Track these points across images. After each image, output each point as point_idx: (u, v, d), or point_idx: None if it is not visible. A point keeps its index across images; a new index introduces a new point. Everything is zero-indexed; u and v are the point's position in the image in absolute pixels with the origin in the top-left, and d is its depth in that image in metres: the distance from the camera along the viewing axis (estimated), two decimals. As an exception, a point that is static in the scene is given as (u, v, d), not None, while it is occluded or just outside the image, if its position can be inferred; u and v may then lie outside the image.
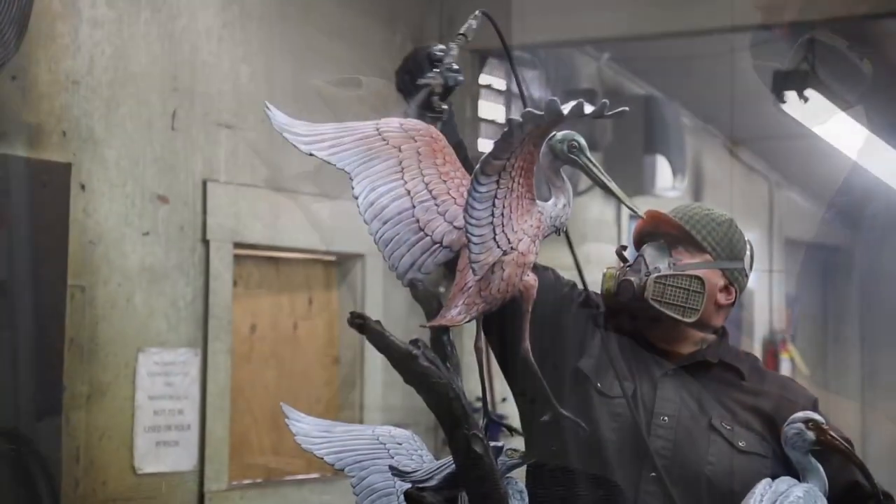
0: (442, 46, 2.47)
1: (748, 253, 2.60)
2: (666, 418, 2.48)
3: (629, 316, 2.58)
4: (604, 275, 2.49)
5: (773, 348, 7.14)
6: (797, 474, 2.40)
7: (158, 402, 3.87)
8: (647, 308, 2.50)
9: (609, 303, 2.57)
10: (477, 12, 2.52)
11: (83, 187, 3.68)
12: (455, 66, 2.47)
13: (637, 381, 2.50)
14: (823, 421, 2.25)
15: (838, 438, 2.25)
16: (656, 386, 2.54)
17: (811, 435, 2.24)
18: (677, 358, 2.57)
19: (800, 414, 2.26)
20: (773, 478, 2.40)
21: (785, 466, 2.42)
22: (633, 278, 2.54)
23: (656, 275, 2.51)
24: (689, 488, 2.45)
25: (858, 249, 8.23)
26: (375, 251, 2.20)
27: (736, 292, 2.60)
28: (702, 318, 2.53)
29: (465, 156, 2.39)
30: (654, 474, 2.45)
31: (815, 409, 2.51)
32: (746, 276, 2.61)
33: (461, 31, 2.50)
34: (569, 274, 2.75)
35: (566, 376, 2.46)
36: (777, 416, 2.49)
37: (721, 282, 2.56)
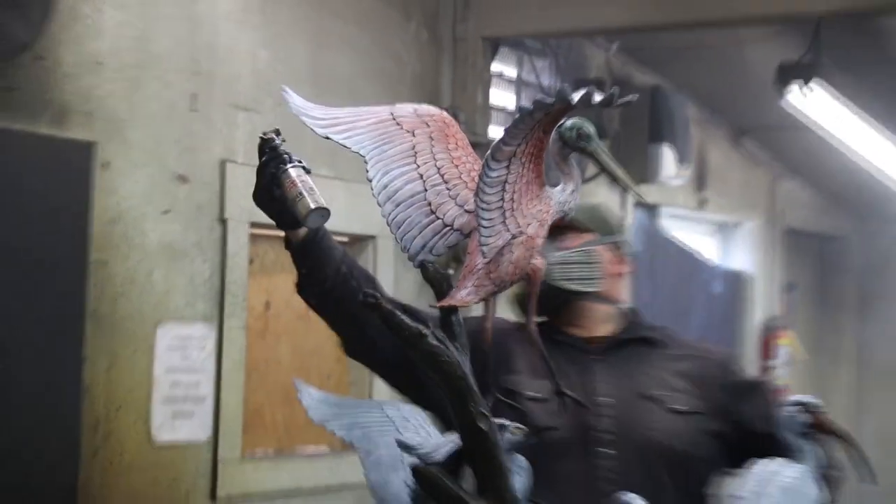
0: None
1: (620, 226, 2.84)
2: (606, 398, 2.56)
3: (543, 314, 2.63)
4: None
5: (770, 334, 7.14)
6: (733, 424, 2.59)
7: (175, 374, 3.88)
8: (556, 295, 2.52)
9: (521, 306, 2.55)
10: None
11: (106, 166, 3.68)
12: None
13: (568, 375, 2.56)
14: (818, 403, 2.25)
15: (833, 421, 2.25)
16: (589, 371, 2.62)
17: (804, 417, 2.25)
18: (600, 342, 2.68)
19: (794, 397, 2.26)
20: (712, 431, 2.57)
21: (720, 419, 2.60)
22: None
23: (552, 260, 2.54)
24: (641, 457, 2.55)
25: (856, 239, 8.23)
26: (387, 233, 2.20)
27: (626, 261, 2.79)
28: (606, 289, 2.69)
29: None
30: (606, 450, 2.55)
31: (733, 362, 2.74)
32: (629, 244, 2.83)
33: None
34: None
35: (502, 402, 2.45)
36: (702, 374, 2.66)
37: (609, 254, 2.72)
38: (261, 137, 2.42)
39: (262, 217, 4.23)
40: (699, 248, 6.83)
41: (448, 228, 2.16)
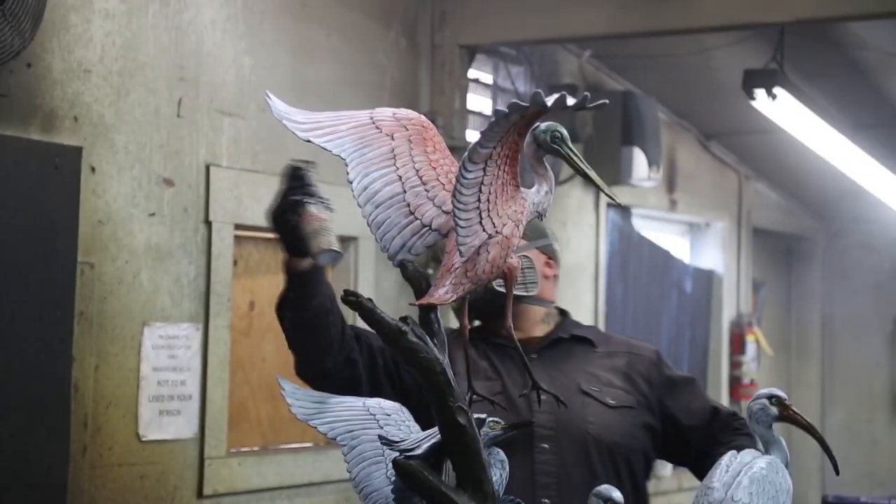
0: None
1: (549, 231, 2.95)
2: (521, 395, 2.60)
3: (479, 320, 2.66)
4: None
5: (739, 330, 7.16)
6: (663, 417, 2.71)
7: (162, 373, 3.86)
8: (492, 299, 2.55)
9: (460, 313, 2.56)
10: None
11: (93, 170, 3.67)
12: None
13: (504, 376, 2.60)
14: (786, 397, 2.26)
15: (800, 413, 2.26)
16: (525, 370, 2.62)
17: (774, 410, 2.25)
18: (535, 342, 2.75)
19: (764, 390, 2.27)
20: (644, 424, 2.58)
21: (649, 412, 2.71)
22: None
23: None
24: (579, 450, 2.63)
25: (821, 238, 8.26)
26: (368, 234, 2.20)
27: (556, 264, 2.92)
28: (540, 291, 2.80)
29: None
30: (545, 445, 2.62)
31: (659, 358, 2.83)
32: (556, 249, 2.96)
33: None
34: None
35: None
36: (631, 370, 2.77)
37: (542, 257, 2.86)
38: (293, 164, 2.47)
39: (247, 219, 4.25)
40: (670, 248, 6.84)
41: (426, 229, 2.16)
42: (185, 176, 3.96)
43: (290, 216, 2.43)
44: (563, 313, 2.90)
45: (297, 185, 2.46)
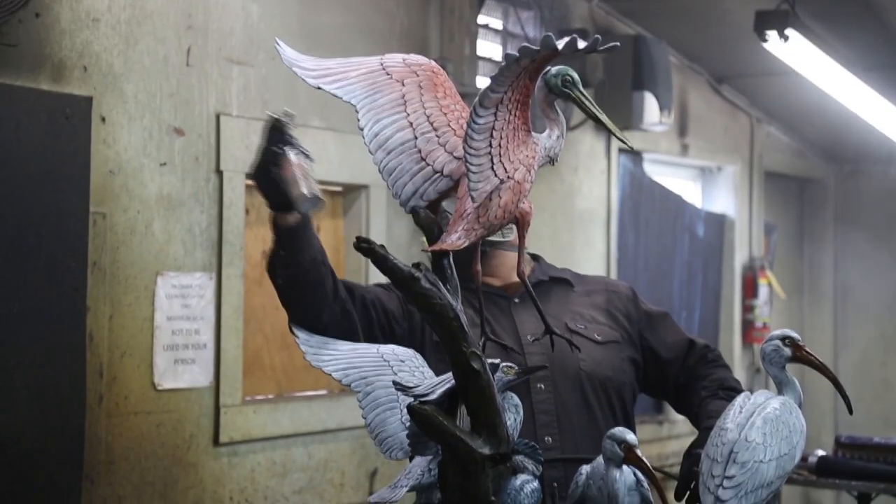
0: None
1: None
2: (531, 336, 2.65)
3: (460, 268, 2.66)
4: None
5: (751, 274, 7.15)
6: (644, 351, 2.77)
7: (176, 322, 3.88)
8: (469, 248, 2.51)
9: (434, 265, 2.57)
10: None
11: (104, 120, 3.66)
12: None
13: (491, 322, 2.63)
14: (798, 337, 2.27)
15: (813, 354, 2.26)
16: (513, 316, 2.72)
17: (787, 351, 2.26)
18: (514, 288, 2.77)
19: (777, 332, 2.28)
20: (629, 358, 2.64)
21: (632, 346, 2.77)
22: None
23: None
24: (573, 387, 2.67)
25: (833, 181, 8.23)
26: (379, 182, 2.20)
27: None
28: (516, 237, 2.69)
29: None
30: (541, 385, 2.63)
31: (635, 294, 2.88)
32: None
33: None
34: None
35: (440, 355, 2.47)
36: (611, 307, 2.82)
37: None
38: (270, 116, 2.44)
39: (257, 168, 4.21)
40: (682, 193, 6.82)
41: (438, 175, 2.16)
42: (196, 125, 3.95)
43: (271, 168, 2.41)
44: (535, 258, 2.90)
45: (276, 138, 2.44)
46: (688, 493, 2.41)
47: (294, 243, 2.48)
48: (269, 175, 2.41)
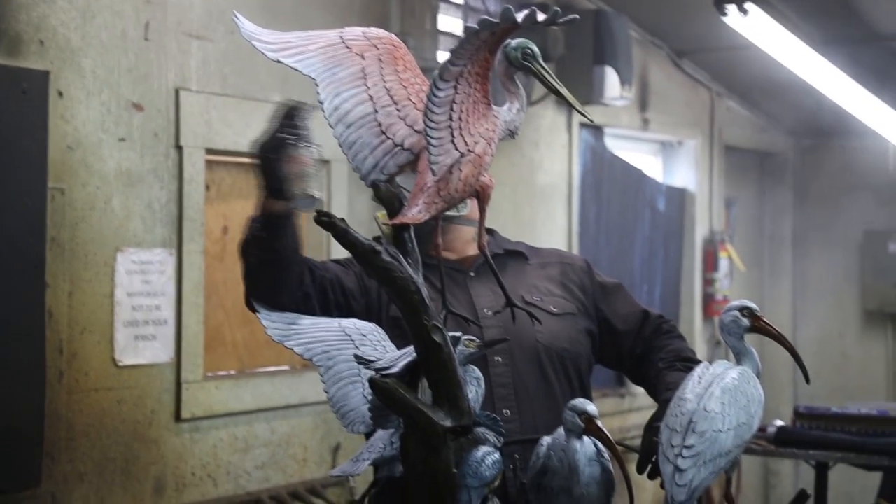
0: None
1: None
2: (487, 310, 2.65)
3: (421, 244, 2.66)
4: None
5: (712, 248, 7.20)
6: (599, 322, 2.79)
7: (136, 298, 3.86)
8: (425, 222, 2.51)
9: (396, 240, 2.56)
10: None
11: (61, 94, 3.63)
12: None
13: (448, 295, 2.63)
14: (757, 308, 2.29)
15: (771, 324, 2.29)
16: (469, 289, 2.72)
17: (745, 321, 2.28)
18: (470, 261, 2.78)
19: (735, 302, 2.30)
20: (585, 330, 2.74)
21: (588, 318, 2.79)
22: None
23: None
24: (530, 359, 2.68)
25: (792, 155, 8.28)
26: (340, 157, 2.20)
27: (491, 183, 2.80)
28: (471, 211, 2.76)
29: None
30: (498, 358, 2.64)
31: (589, 266, 2.90)
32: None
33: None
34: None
35: (397, 331, 2.48)
36: (565, 279, 2.83)
37: None
38: (287, 103, 2.43)
39: (218, 144, 4.22)
40: (643, 167, 6.85)
41: (398, 148, 2.16)
42: (155, 100, 3.93)
43: (274, 155, 2.41)
44: (490, 232, 2.90)
45: (287, 125, 2.43)
46: (649, 466, 2.43)
47: (276, 230, 2.49)
48: (274, 161, 2.41)
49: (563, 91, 2.16)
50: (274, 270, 2.51)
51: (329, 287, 2.63)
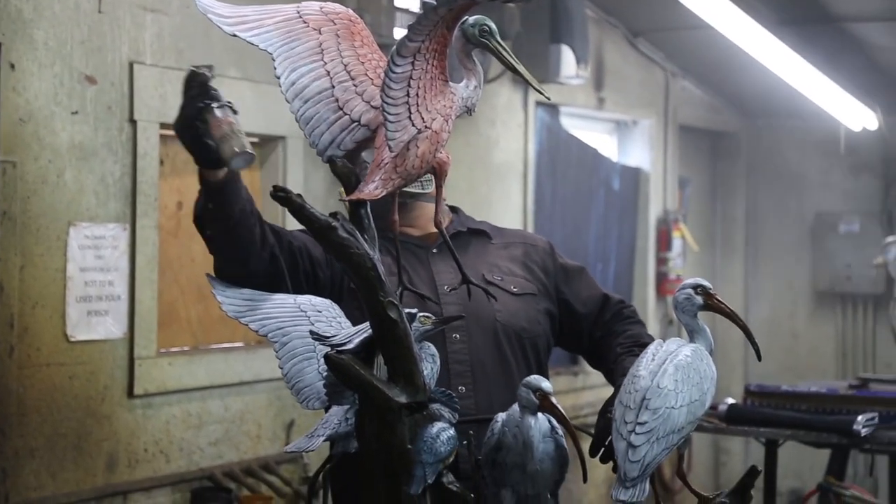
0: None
1: None
2: (447, 287, 2.66)
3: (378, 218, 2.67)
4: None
5: (665, 227, 7.25)
6: (560, 303, 2.79)
7: (89, 273, 3.83)
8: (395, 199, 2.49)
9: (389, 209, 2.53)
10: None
11: (13, 66, 3.59)
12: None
13: (409, 271, 2.64)
14: (710, 286, 2.31)
15: (724, 302, 2.31)
16: (430, 266, 2.73)
17: (699, 299, 2.30)
18: (433, 238, 2.76)
19: (689, 280, 2.32)
20: (545, 311, 2.75)
21: (548, 299, 2.80)
22: None
23: None
24: (488, 338, 2.69)
25: (745, 135, 8.35)
26: (296, 133, 2.19)
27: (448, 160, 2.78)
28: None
29: None
30: (456, 335, 2.65)
31: (552, 248, 2.90)
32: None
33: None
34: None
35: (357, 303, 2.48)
36: (528, 259, 2.83)
37: None
38: (191, 70, 2.39)
39: (173, 118, 4.16)
40: (598, 146, 6.88)
41: (355, 124, 2.16)
42: (108, 73, 3.89)
43: (197, 124, 2.37)
44: (454, 210, 2.91)
45: (198, 91, 2.38)
46: (602, 449, 2.44)
47: (223, 197, 2.45)
48: (194, 131, 2.36)
49: (520, 68, 2.17)
50: (233, 237, 2.49)
51: (297, 253, 2.62)
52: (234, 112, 2.39)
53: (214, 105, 2.35)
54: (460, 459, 2.49)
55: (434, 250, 2.76)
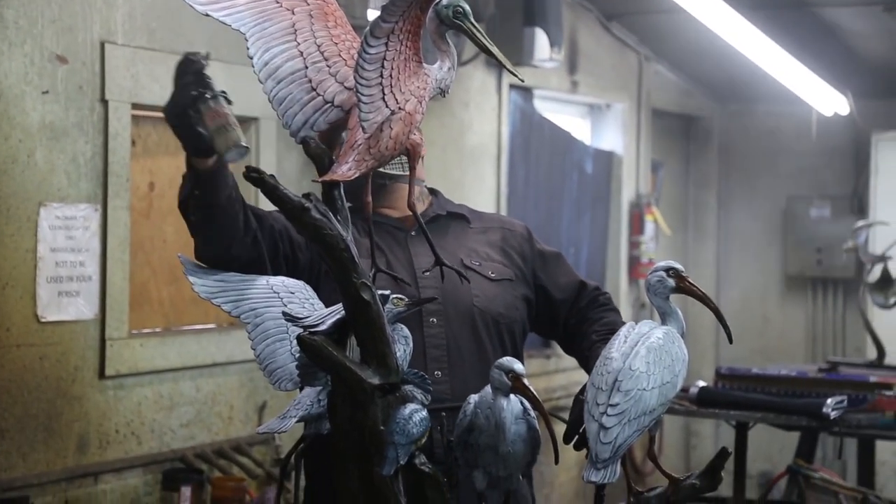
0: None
1: None
2: (427, 272, 2.66)
3: (351, 199, 2.66)
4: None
5: (638, 211, 7.26)
6: (537, 289, 2.80)
7: (60, 254, 3.81)
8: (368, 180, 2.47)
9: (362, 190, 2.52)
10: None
11: (-18, 45, 3.56)
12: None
13: (386, 253, 2.64)
14: (682, 269, 2.32)
15: (695, 285, 2.32)
16: (408, 248, 2.74)
17: (671, 282, 2.31)
18: (412, 221, 2.75)
19: (661, 263, 2.33)
20: (522, 296, 2.68)
21: (525, 285, 2.80)
22: None
23: None
24: (465, 322, 2.70)
25: (718, 119, 8.37)
26: (269, 115, 2.19)
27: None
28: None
29: None
30: (433, 319, 2.65)
31: (530, 233, 2.90)
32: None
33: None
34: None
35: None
36: (506, 245, 2.84)
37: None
38: (186, 56, 2.37)
39: (145, 98, 4.16)
40: (571, 130, 6.88)
41: (329, 105, 2.15)
42: (80, 53, 3.86)
43: (190, 113, 2.36)
44: (433, 192, 2.91)
45: (192, 80, 2.37)
46: (576, 437, 2.45)
47: (211, 185, 2.46)
48: (187, 119, 2.36)
49: (494, 50, 2.17)
50: (218, 223, 2.49)
51: (278, 236, 2.62)
52: (229, 102, 2.39)
53: (209, 95, 2.35)
54: (434, 444, 2.50)
55: (412, 233, 2.76)
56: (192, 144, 2.40)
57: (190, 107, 2.35)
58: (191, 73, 2.36)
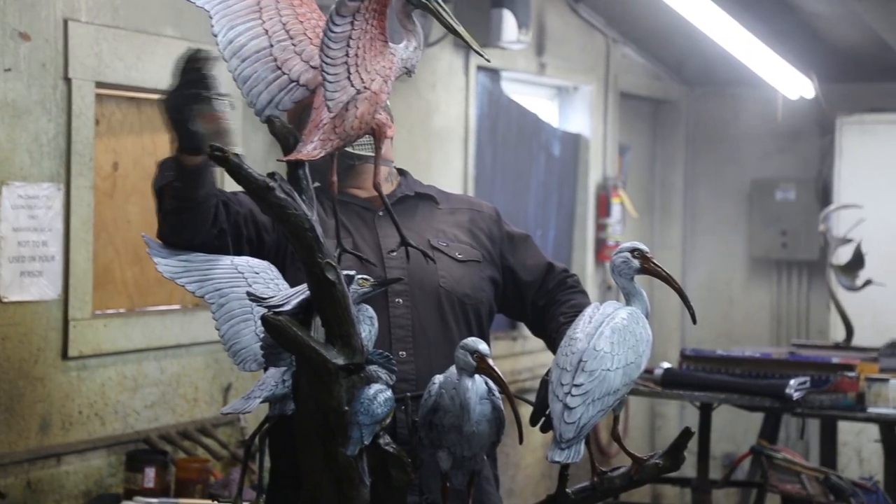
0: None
1: None
2: (393, 252, 2.65)
3: (320, 179, 2.66)
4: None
5: (605, 193, 7.29)
6: (504, 271, 2.81)
7: (23, 234, 3.78)
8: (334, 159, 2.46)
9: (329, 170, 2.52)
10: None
11: (-57, 22, 3.52)
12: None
13: (353, 233, 2.64)
14: (647, 250, 2.33)
15: (660, 266, 2.33)
16: (376, 228, 2.74)
17: (636, 263, 2.32)
18: (380, 202, 2.69)
19: (626, 244, 2.33)
20: (489, 278, 2.78)
21: (493, 266, 2.81)
22: None
23: None
24: (431, 303, 2.71)
25: (685, 103, 8.40)
26: (234, 93, 2.17)
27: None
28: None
29: None
30: (399, 300, 2.66)
31: (498, 215, 2.91)
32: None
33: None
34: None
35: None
36: (474, 226, 2.84)
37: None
38: (194, 53, 2.35)
39: (109, 77, 4.13)
40: (538, 112, 6.89)
41: (294, 84, 2.15)
42: (42, 30, 3.82)
43: (186, 112, 2.35)
44: (402, 173, 2.90)
45: (198, 79, 2.35)
46: (542, 419, 2.45)
47: (193, 181, 2.45)
48: (185, 116, 2.35)
49: (460, 30, 2.16)
50: (191, 216, 2.48)
51: (243, 223, 2.62)
52: (231, 107, 2.38)
53: (210, 95, 2.34)
54: (398, 424, 2.50)
55: (380, 213, 2.75)
56: (184, 140, 2.39)
57: (190, 104, 2.34)
58: (196, 70, 2.34)
